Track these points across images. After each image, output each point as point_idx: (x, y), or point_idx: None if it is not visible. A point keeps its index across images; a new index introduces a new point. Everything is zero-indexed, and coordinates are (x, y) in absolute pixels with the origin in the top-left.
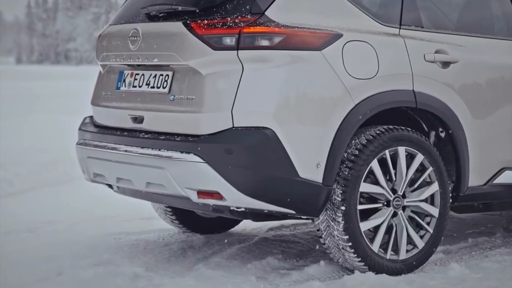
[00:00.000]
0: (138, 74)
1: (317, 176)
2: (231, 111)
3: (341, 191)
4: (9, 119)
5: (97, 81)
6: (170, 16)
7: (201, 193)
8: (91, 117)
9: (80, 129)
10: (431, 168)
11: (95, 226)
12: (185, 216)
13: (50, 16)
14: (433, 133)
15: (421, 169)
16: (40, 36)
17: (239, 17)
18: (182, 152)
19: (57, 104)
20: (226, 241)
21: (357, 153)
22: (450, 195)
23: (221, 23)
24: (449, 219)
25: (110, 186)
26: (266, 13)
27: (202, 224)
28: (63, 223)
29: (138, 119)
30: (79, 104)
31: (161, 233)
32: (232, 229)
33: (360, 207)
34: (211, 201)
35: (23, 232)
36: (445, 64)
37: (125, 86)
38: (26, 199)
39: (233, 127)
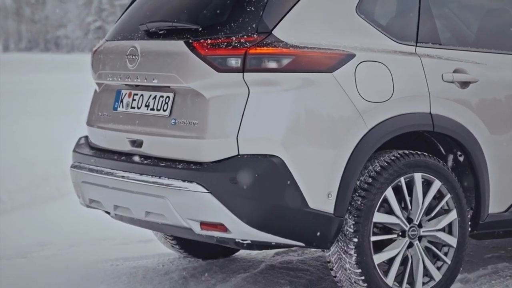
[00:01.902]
0: (136, 94)
1: (328, 206)
2: (236, 138)
3: (353, 222)
4: None
5: (92, 100)
6: (170, 34)
7: (204, 225)
8: (86, 137)
9: (74, 150)
10: (449, 195)
11: (90, 249)
12: (186, 240)
13: (39, 0)
14: (451, 157)
15: (439, 196)
16: (28, 22)
17: (245, 37)
18: (184, 180)
19: (49, 103)
20: (230, 268)
21: (371, 181)
22: (469, 223)
23: (225, 43)
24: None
25: (107, 211)
26: (273, 32)
27: (204, 249)
28: (55, 246)
29: (137, 143)
30: (74, 103)
31: (161, 259)
32: (237, 254)
33: (373, 238)
34: (215, 233)
35: (14, 258)
36: (464, 84)
37: (122, 107)
38: (16, 217)
39: (238, 154)
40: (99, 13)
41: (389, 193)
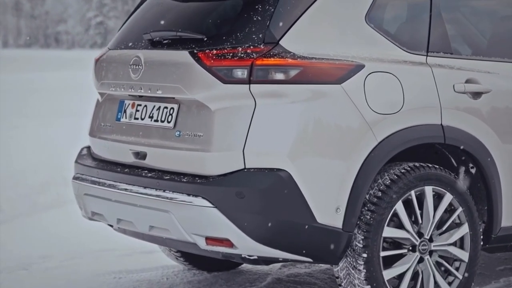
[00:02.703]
0: (140, 105)
1: (336, 221)
2: (243, 151)
3: (362, 237)
4: None
5: (95, 109)
6: (175, 43)
7: (209, 240)
8: (89, 148)
9: (76, 162)
10: (460, 209)
11: (92, 261)
12: (191, 253)
13: None
14: (462, 169)
15: (450, 209)
16: (28, 17)
17: (251, 47)
18: (189, 194)
19: (50, 104)
20: (235, 281)
21: (380, 195)
22: (481, 236)
23: (231, 54)
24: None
25: (110, 224)
26: (280, 42)
27: (209, 261)
28: (57, 258)
29: (141, 155)
30: (76, 103)
31: (165, 271)
32: (242, 266)
33: (383, 253)
34: (221, 249)
35: (15, 270)
36: (476, 95)
37: (126, 118)
38: (16, 227)
39: (244, 168)
40: (100, 8)
41: (399, 207)
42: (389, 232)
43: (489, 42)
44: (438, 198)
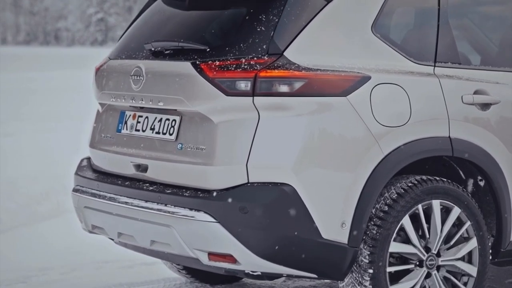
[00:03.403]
0: (141, 116)
1: (341, 236)
2: (246, 165)
3: (368, 252)
4: None
5: (95, 120)
6: (177, 54)
7: (212, 255)
8: (89, 159)
9: (76, 173)
10: (469, 223)
11: (93, 273)
12: None
13: None
14: (471, 181)
15: (458, 223)
16: (27, 14)
17: (255, 59)
18: (191, 209)
19: (49, 106)
20: None
21: (387, 209)
22: (490, 251)
23: (234, 65)
24: None
25: (111, 238)
26: (285, 53)
27: (211, 274)
28: (57, 270)
29: (142, 168)
30: (77, 104)
31: (167, 284)
32: (246, 279)
33: (389, 269)
34: (224, 264)
35: (14, 283)
36: (485, 106)
37: (126, 129)
38: (15, 237)
39: (248, 182)
40: (101, 4)
41: (406, 221)
42: (395, 247)
43: (498, 51)
44: (445, 212)
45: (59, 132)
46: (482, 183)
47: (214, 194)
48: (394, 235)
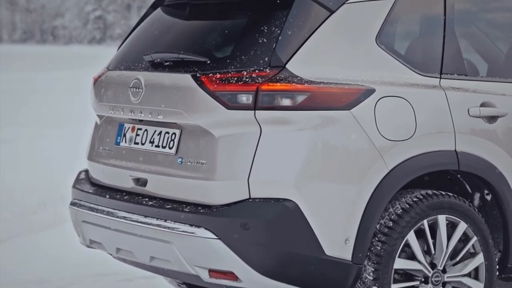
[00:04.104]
0: (140, 129)
1: (345, 253)
2: (248, 180)
3: (372, 269)
4: None
5: (93, 132)
6: (177, 66)
7: (213, 272)
8: (87, 171)
9: (74, 186)
10: (475, 238)
11: (91, 286)
12: None
13: None
14: (477, 195)
15: (464, 239)
16: (23, 12)
17: (257, 71)
18: (191, 225)
19: (46, 110)
20: None
21: (391, 224)
22: (497, 266)
23: (235, 78)
24: None
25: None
26: (287, 66)
27: None
28: (54, 283)
29: (141, 182)
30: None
31: None
32: None
33: (394, 286)
34: (225, 282)
35: None
36: (492, 119)
37: (125, 142)
38: (12, 248)
39: (249, 198)
40: (98, 2)
41: (411, 237)
42: (400, 263)
43: (505, 61)
44: (451, 227)
45: (57, 138)
46: (488, 197)
47: (215, 210)
48: (399, 251)
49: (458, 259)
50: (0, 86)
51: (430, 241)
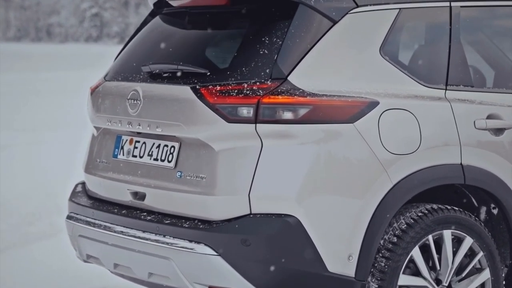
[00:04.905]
0: (138, 141)
1: (348, 269)
2: (248, 195)
3: (376, 286)
4: None
5: (90, 144)
6: (176, 77)
7: None
8: (83, 184)
9: (70, 200)
10: (481, 253)
11: None
12: None
13: None
14: (484, 209)
15: (470, 254)
16: (17, 9)
17: (258, 83)
18: (190, 241)
19: (43, 113)
20: None
21: (396, 240)
22: (504, 282)
23: (236, 90)
24: None
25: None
26: (289, 78)
27: None
28: None
29: (139, 195)
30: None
31: None
32: None
33: None
34: None
35: None
36: (499, 131)
37: (123, 155)
38: (6, 260)
39: (250, 213)
40: None
41: (416, 253)
42: (405, 280)
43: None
44: (457, 242)
45: (54, 143)
46: (495, 211)
47: (215, 225)
48: (404, 267)
49: (464, 275)
50: None
51: (435, 256)
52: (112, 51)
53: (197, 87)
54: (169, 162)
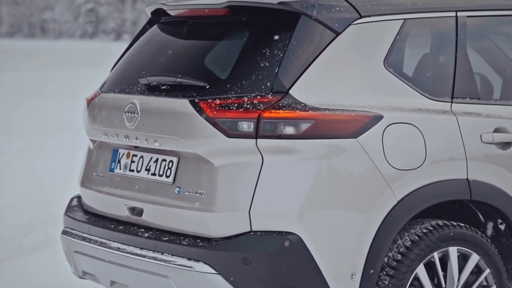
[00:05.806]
0: (136, 155)
1: None
2: (249, 212)
3: None
4: None
5: (86, 157)
6: (174, 90)
7: None
8: (79, 198)
9: (66, 214)
10: (488, 270)
11: None
12: None
13: None
14: (490, 225)
15: (476, 271)
16: (10, 4)
17: (258, 97)
18: (189, 259)
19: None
20: None
21: (400, 258)
22: None
23: (236, 104)
24: None
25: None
26: (290, 92)
27: None
28: None
29: (136, 211)
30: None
31: None
32: None
33: None
34: None
35: None
36: (506, 145)
37: (120, 169)
38: (1, 273)
39: (251, 231)
40: None
41: (421, 270)
42: None
43: None
44: (463, 259)
45: (49, 149)
46: (502, 227)
47: (215, 243)
48: (408, 285)
49: None
50: None
51: (441, 274)
52: (108, 48)
53: (196, 100)
54: (167, 177)
